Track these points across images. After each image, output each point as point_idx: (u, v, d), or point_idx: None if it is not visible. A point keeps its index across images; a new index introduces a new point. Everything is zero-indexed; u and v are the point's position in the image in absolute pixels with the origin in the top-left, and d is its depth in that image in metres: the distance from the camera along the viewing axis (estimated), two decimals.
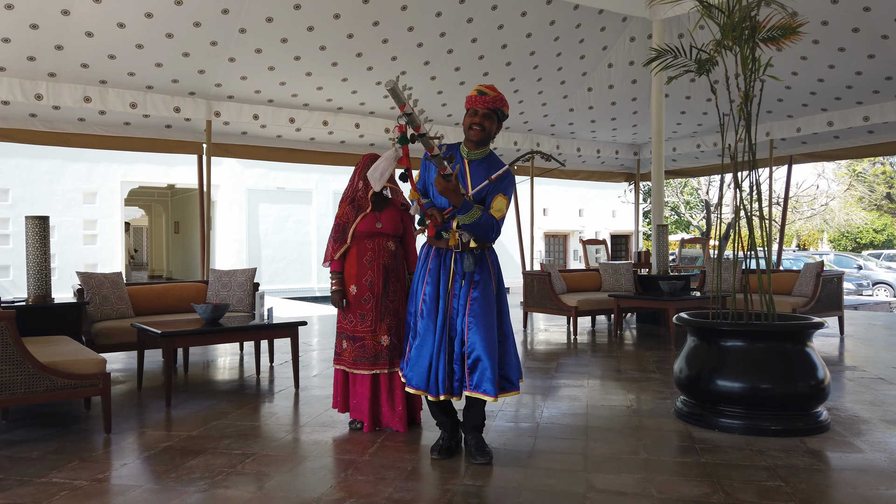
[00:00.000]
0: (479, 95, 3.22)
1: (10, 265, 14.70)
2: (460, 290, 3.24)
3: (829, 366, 5.72)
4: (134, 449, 3.56)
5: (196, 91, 7.72)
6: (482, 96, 3.21)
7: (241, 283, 6.26)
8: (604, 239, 18.74)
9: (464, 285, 3.24)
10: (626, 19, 8.47)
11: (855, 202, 28.06)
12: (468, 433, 3.37)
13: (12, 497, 2.87)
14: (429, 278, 3.29)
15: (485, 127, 3.22)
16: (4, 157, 14.51)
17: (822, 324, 3.92)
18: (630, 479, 3.05)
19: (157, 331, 4.53)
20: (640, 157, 12.06)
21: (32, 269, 4.94)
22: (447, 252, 3.29)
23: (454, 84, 8.69)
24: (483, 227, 3.18)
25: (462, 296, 3.24)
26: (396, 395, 3.76)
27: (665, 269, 8.66)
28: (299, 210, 18.42)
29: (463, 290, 3.24)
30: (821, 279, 7.30)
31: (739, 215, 4.08)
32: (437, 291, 3.27)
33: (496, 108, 3.23)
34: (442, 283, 3.27)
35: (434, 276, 3.29)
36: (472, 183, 3.25)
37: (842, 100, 8.74)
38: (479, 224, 3.16)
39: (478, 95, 3.22)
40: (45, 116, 7.35)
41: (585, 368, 5.80)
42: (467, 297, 3.23)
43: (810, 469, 3.16)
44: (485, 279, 3.27)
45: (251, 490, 2.94)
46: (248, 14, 6.75)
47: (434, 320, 3.25)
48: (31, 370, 3.55)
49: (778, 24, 4.10)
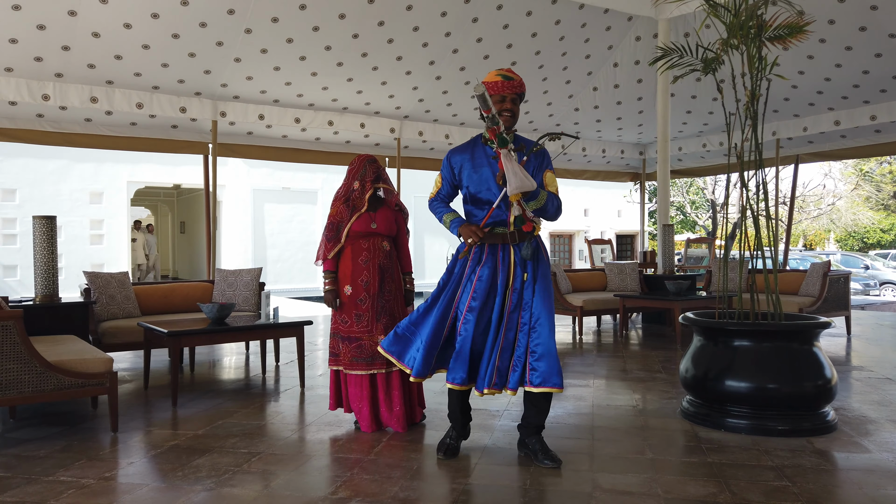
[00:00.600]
0: (506, 80, 3.19)
1: (18, 265, 14.77)
2: (521, 284, 3.20)
3: (837, 366, 5.70)
4: (141, 447, 3.58)
5: (202, 91, 7.74)
6: (509, 81, 3.20)
7: (247, 283, 6.27)
8: (609, 239, 18.71)
9: (526, 279, 3.21)
10: (631, 18, 8.46)
11: (862, 202, 27.93)
12: (531, 435, 3.28)
13: (20, 495, 2.88)
14: (482, 273, 3.21)
15: (514, 112, 3.22)
16: (12, 158, 14.58)
17: (829, 323, 3.90)
18: (636, 478, 3.04)
19: (164, 330, 4.54)
20: (645, 156, 12.03)
21: (40, 269, 4.96)
22: (502, 247, 3.24)
23: (459, 84, 8.69)
24: (552, 207, 3.22)
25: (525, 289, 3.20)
26: (394, 395, 3.76)
27: (671, 268, 8.64)
28: (304, 210, 18.45)
29: (526, 284, 3.20)
30: (828, 279, 7.27)
31: (746, 215, 4.07)
32: (493, 287, 3.21)
33: (522, 91, 3.25)
34: (500, 279, 3.21)
35: (490, 271, 3.21)
36: None
37: (849, 99, 8.70)
38: (546, 207, 3.20)
39: (504, 81, 3.19)
40: (51, 117, 7.38)
41: (591, 368, 5.79)
42: (532, 291, 3.20)
43: (817, 469, 3.15)
44: (543, 269, 3.26)
45: (257, 489, 2.95)
46: (253, 14, 6.76)
47: (487, 317, 3.20)
48: (39, 369, 3.57)
49: (784, 22, 4.08)
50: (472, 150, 3.32)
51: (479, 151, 3.29)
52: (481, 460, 3.31)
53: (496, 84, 3.19)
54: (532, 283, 3.22)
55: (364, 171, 3.82)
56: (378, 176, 3.83)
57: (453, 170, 3.36)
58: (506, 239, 3.24)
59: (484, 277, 3.21)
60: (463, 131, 9.81)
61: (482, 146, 3.30)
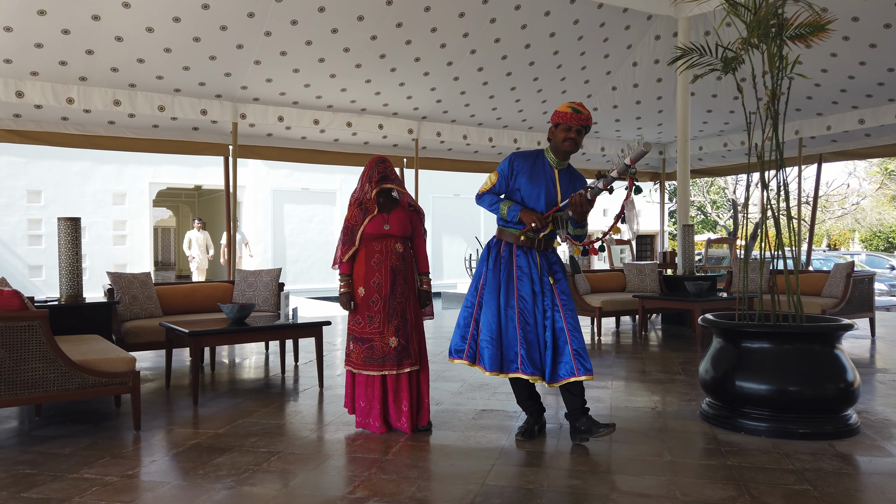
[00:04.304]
0: (575, 113, 3.55)
1: (43, 265, 15.01)
2: (549, 285, 3.59)
3: (860, 368, 5.61)
4: (162, 446, 3.63)
5: (222, 94, 7.82)
6: (578, 114, 3.56)
7: (267, 283, 6.33)
8: (628, 239, 18.58)
9: (552, 281, 3.60)
10: (650, 17, 8.40)
11: (887, 201, 27.46)
12: (582, 416, 3.58)
13: (45, 492, 2.94)
14: (521, 275, 3.59)
15: (577, 142, 3.59)
16: (37, 160, 14.83)
17: (852, 325, 3.85)
18: (654, 481, 3.03)
19: (185, 330, 4.60)
20: (665, 156, 11.94)
21: (65, 270, 5.05)
22: (530, 252, 3.62)
23: (478, 84, 8.69)
24: (585, 233, 3.71)
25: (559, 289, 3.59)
26: (402, 397, 3.78)
27: (691, 269, 8.57)
28: (323, 210, 18.55)
29: (559, 286, 3.60)
30: (851, 280, 7.16)
31: (766, 215, 4.03)
32: (532, 288, 3.57)
33: (588, 125, 3.60)
34: (535, 279, 3.58)
35: (526, 273, 3.59)
36: (560, 190, 3.63)
37: (873, 97, 8.56)
38: (583, 234, 3.70)
39: (573, 113, 3.55)
40: (76, 120, 7.51)
41: (610, 370, 5.76)
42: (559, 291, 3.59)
43: (839, 473, 3.11)
44: (563, 271, 3.70)
45: (276, 487, 2.98)
46: (273, 17, 6.82)
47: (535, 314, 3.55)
48: (64, 368, 3.64)
49: (806, 21, 4.03)
50: (533, 161, 3.67)
51: (540, 165, 3.66)
52: (498, 461, 3.32)
53: (566, 115, 3.56)
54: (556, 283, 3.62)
55: (371, 173, 3.85)
56: (385, 176, 3.83)
57: (514, 170, 3.66)
58: (533, 244, 3.62)
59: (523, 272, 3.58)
60: (481, 132, 9.81)
61: (543, 160, 3.68)
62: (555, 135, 3.61)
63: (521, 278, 3.57)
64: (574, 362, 3.46)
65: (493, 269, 3.64)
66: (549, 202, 3.61)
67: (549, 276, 3.60)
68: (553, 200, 3.60)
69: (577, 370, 3.46)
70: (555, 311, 3.55)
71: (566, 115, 3.56)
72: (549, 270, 3.62)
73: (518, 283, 3.57)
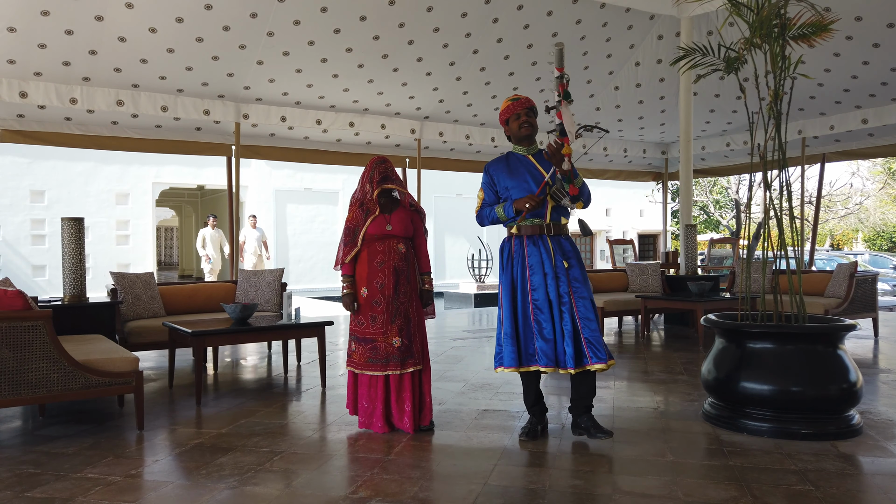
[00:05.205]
0: (514, 101, 3.72)
1: (46, 265, 15.05)
2: (563, 272, 3.59)
3: (863, 368, 5.60)
4: (165, 446, 3.64)
5: (225, 94, 7.83)
6: (517, 101, 3.72)
7: (269, 283, 6.34)
8: (631, 239, 18.59)
9: (566, 267, 3.59)
10: (653, 17, 8.39)
11: (891, 201, 27.39)
12: (582, 414, 3.65)
13: (49, 491, 2.95)
14: (533, 263, 3.60)
15: (532, 123, 3.71)
16: (40, 160, 14.87)
17: (855, 326, 3.84)
18: (656, 481, 3.03)
19: (188, 330, 4.61)
20: (668, 155, 11.92)
21: (68, 270, 5.07)
22: (540, 238, 3.63)
23: (480, 84, 8.70)
24: (587, 189, 3.69)
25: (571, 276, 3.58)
26: (405, 397, 3.79)
27: (693, 269, 8.56)
28: (326, 210, 18.56)
29: (572, 273, 3.59)
30: (854, 280, 7.15)
31: (769, 215, 4.02)
32: (545, 279, 3.58)
33: (532, 105, 3.74)
34: (547, 269, 3.59)
35: (537, 263, 3.60)
36: (543, 169, 3.66)
37: (877, 97, 8.54)
38: (584, 189, 3.65)
39: (513, 102, 3.72)
40: (79, 120, 7.53)
41: (612, 369, 5.75)
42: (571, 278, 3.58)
43: (841, 473, 3.11)
44: (577, 257, 3.68)
45: (279, 487, 2.99)
46: (275, 17, 6.83)
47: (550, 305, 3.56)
48: (68, 368, 3.65)
49: (809, 21, 4.03)
50: (506, 160, 3.77)
51: (514, 159, 3.75)
52: (501, 461, 3.32)
53: (509, 107, 3.72)
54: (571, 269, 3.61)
55: (372, 173, 3.85)
56: (386, 176, 3.84)
57: (493, 177, 3.76)
58: (542, 230, 3.63)
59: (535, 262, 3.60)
60: (483, 132, 9.81)
61: (514, 155, 3.77)
62: (511, 129, 3.74)
63: (533, 267, 3.60)
64: (587, 350, 3.49)
65: (507, 267, 3.70)
66: (538, 183, 3.65)
67: (564, 260, 3.60)
68: (541, 179, 3.65)
69: (589, 358, 3.49)
70: (570, 297, 3.57)
71: (509, 107, 3.73)
72: (563, 256, 3.62)
73: (531, 274, 3.60)
